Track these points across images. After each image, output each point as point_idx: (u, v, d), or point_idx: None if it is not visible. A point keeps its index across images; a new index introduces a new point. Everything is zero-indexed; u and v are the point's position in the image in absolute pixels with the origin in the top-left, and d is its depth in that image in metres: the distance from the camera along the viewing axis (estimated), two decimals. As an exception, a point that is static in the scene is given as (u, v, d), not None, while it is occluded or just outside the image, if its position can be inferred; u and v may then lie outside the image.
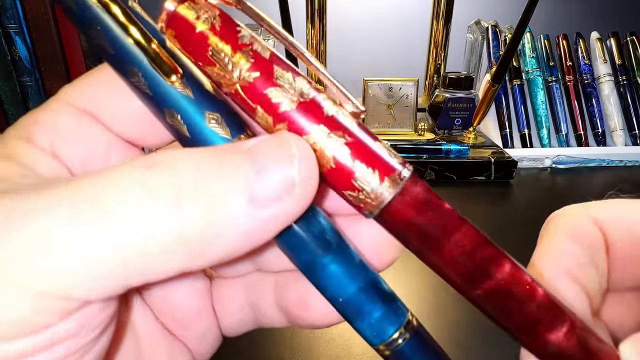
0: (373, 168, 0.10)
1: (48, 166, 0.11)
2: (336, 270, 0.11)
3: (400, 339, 0.11)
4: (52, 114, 0.12)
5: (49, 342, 0.09)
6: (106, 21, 0.10)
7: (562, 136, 0.71)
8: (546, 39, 0.73)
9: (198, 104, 0.10)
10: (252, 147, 0.10)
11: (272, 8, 0.59)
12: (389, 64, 0.94)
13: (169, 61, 0.10)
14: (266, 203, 0.09)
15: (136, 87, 0.11)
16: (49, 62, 0.59)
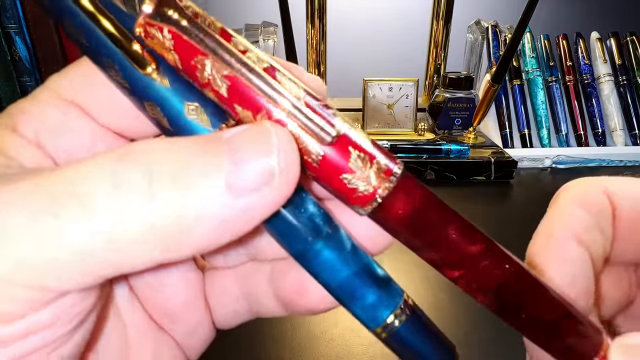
0: (365, 166, 0.10)
1: (32, 156, 0.11)
2: (328, 256, 0.11)
3: (396, 321, 0.11)
4: (39, 105, 0.12)
5: (23, 331, 0.09)
6: (77, 12, 0.10)
7: (562, 136, 0.71)
8: (546, 39, 0.73)
9: (176, 94, 0.10)
10: (232, 137, 0.09)
11: (272, 8, 0.59)
12: (389, 64, 0.94)
13: (142, 52, 0.10)
14: (244, 193, 0.09)
15: (114, 79, 0.10)
16: (49, 62, 0.59)
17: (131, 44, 0.10)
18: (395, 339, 0.11)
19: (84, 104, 0.12)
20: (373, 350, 0.31)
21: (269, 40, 0.69)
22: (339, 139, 0.10)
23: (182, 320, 0.14)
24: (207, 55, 0.09)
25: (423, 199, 0.11)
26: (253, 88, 0.09)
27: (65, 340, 0.10)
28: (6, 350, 0.09)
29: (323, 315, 0.34)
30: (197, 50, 0.09)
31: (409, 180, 0.10)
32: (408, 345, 0.11)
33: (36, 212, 0.08)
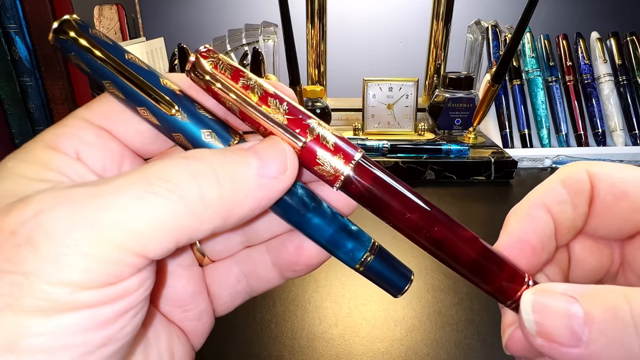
0: (333, 153, 0.14)
1: (77, 171, 0.14)
2: (317, 221, 0.15)
3: (368, 258, 0.16)
4: (73, 127, 0.14)
5: (121, 293, 0.12)
6: (115, 77, 0.14)
7: (562, 136, 0.71)
8: (546, 39, 0.73)
9: (194, 126, 0.14)
10: (252, 147, 0.14)
11: (272, 8, 0.59)
12: (389, 64, 0.94)
13: (167, 99, 0.14)
14: (269, 180, 0.13)
15: (146, 118, 0.14)
16: (49, 62, 0.59)
17: (159, 94, 0.14)
18: (369, 270, 0.16)
19: (111, 128, 0.15)
20: (373, 351, 0.31)
21: (269, 40, 0.69)
22: (311, 141, 0.14)
23: (193, 308, 0.17)
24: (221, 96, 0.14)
25: (375, 179, 0.15)
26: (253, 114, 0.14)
27: (140, 308, 0.13)
28: (110, 307, 0.11)
29: (323, 315, 0.34)
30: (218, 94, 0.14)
31: (365, 165, 0.15)
32: (379, 273, 0.16)
33: (141, 193, 0.11)
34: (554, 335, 0.13)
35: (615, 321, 0.12)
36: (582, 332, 0.12)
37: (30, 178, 0.12)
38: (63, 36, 0.13)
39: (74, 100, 0.61)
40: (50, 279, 0.10)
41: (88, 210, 0.11)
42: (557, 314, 0.13)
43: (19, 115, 0.61)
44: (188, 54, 0.58)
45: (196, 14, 0.89)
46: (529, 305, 0.14)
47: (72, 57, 0.13)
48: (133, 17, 0.76)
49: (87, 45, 0.13)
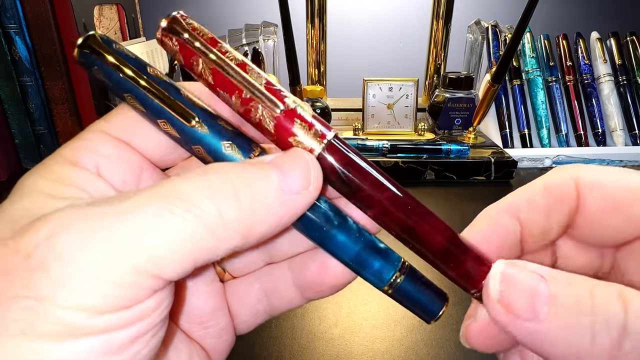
0: (306, 131, 0.14)
1: (97, 187, 0.13)
2: (341, 238, 0.14)
3: (398, 279, 0.15)
4: (91, 141, 0.14)
5: (138, 316, 0.11)
6: (136, 90, 0.14)
7: (562, 136, 0.71)
8: (546, 39, 0.73)
9: (214, 138, 0.14)
10: (273, 160, 0.13)
11: (272, 8, 0.59)
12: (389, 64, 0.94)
13: (187, 111, 0.14)
14: (292, 196, 0.13)
15: (165, 131, 0.14)
16: (49, 62, 0.59)
17: (179, 106, 0.14)
18: (399, 293, 0.15)
19: (129, 140, 0.15)
20: (373, 351, 0.31)
21: (269, 40, 0.69)
22: (287, 112, 0.14)
23: (213, 324, 0.17)
24: (200, 56, 0.14)
25: (346, 159, 0.14)
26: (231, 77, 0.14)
27: (159, 328, 0.12)
28: (126, 331, 0.11)
29: (323, 315, 0.34)
30: (194, 53, 0.14)
31: (338, 145, 0.14)
32: (410, 296, 0.15)
33: (157, 213, 0.11)
34: (513, 306, 0.13)
35: (575, 310, 0.12)
36: (541, 309, 0.12)
37: (50, 195, 0.12)
38: (87, 50, 0.13)
39: (74, 100, 0.61)
40: (63, 303, 0.10)
41: (102, 232, 0.11)
42: (522, 288, 0.13)
43: (19, 115, 0.61)
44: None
45: (196, 14, 0.89)
46: (498, 274, 0.14)
47: (95, 71, 0.14)
48: (133, 17, 0.76)
49: (110, 60, 0.13)
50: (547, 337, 0.12)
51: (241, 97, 0.14)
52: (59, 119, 0.62)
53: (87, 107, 0.62)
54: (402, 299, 0.15)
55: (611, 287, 0.12)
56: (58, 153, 0.14)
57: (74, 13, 0.58)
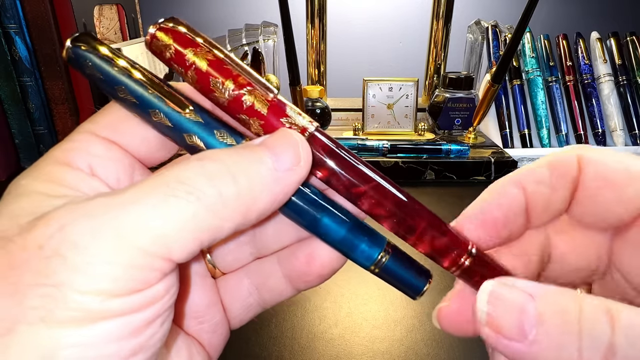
0: (291, 125, 0.14)
1: (92, 186, 0.14)
2: (329, 222, 0.15)
3: (383, 258, 0.15)
4: (82, 142, 0.14)
5: (149, 300, 0.12)
6: (128, 82, 0.14)
7: (562, 136, 0.71)
8: (546, 39, 0.73)
9: (208, 126, 0.14)
10: (264, 141, 0.14)
11: (272, 8, 0.59)
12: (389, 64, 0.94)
13: (180, 99, 0.14)
14: (284, 173, 0.13)
15: (157, 123, 0.14)
16: (49, 62, 0.59)
17: (173, 95, 0.14)
18: (385, 272, 0.16)
19: (117, 139, 0.15)
20: (373, 351, 0.31)
21: (269, 40, 0.69)
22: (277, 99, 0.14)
23: (208, 319, 0.17)
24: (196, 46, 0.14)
25: (330, 151, 0.15)
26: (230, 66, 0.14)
27: (168, 314, 0.13)
28: (141, 314, 0.12)
29: (323, 315, 0.34)
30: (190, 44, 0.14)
31: (320, 138, 0.15)
32: (395, 274, 0.16)
33: (161, 197, 0.11)
34: (502, 328, 0.13)
35: (562, 330, 0.12)
36: (530, 331, 0.12)
37: (47, 195, 0.13)
38: (78, 45, 0.14)
39: (74, 100, 0.61)
40: (81, 288, 0.11)
41: (110, 219, 0.11)
42: (511, 309, 0.13)
43: (19, 115, 0.61)
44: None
45: (196, 14, 0.89)
46: (486, 295, 0.14)
47: (87, 66, 0.14)
48: (133, 17, 0.76)
49: (102, 52, 0.14)
50: (536, 357, 0.12)
51: (236, 82, 0.14)
52: (59, 119, 0.62)
53: (87, 107, 0.62)
54: (388, 277, 0.16)
55: (599, 303, 0.12)
56: (49, 155, 0.14)
57: (74, 13, 0.58)
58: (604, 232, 0.17)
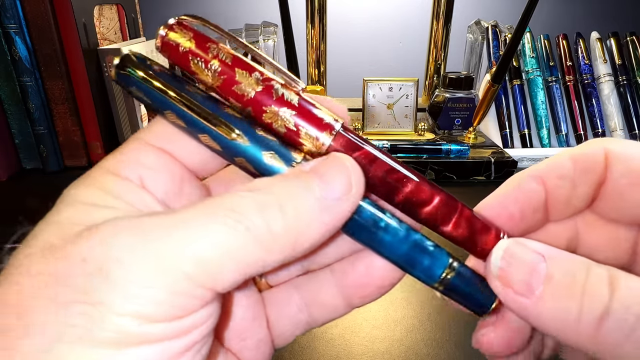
0: (316, 125, 0.14)
1: (140, 198, 0.13)
2: (388, 239, 0.15)
3: (449, 275, 0.15)
4: (133, 151, 0.14)
5: (190, 326, 0.11)
6: (176, 106, 0.14)
7: (562, 136, 0.71)
8: (546, 39, 0.73)
9: (255, 148, 0.14)
10: (313, 167, 0.13)
11: (272, 8, 0.59)
12: (389, 64, 0.94)
13: (227, 124, 0.14)
14: (334, 202, 0.13)
15: (207, 145, 0.14)
16: (49, 62, 0.59)
17: (221, 121, 0.14)
18: (449, 289, 0.15)
19: (171, 150, 0.15)
20: (373, 351, 0.31)
21: (269, 40, 0.69)
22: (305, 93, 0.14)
23: (251, 336, 0.16)
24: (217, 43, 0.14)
25: (353, 145, 0.15)
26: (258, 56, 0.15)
27: (207, 340, 0.12)
28: (179, 341, 0.11)
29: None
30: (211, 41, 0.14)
31: (346, 135, 0.15)
32: (461, 292, 0.15)
33: (210, 225, 0.11)
34: (511, 282, 0.14)
35: (567, 291, 0.13)
36: (537, 287, 0.13)
37: (95, 206, 0.12)
38: (124, 71, 0.14)
39: (74, 100, 0.61)
40: (121, 309, 0.10)
41: (158, 241, 0.11)
42: (522, 266, 0.14)
43: (19, 115, 0.61)
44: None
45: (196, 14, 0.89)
46: (500, 251, 0.14)
47: (134, 90, 0.14)
48: (133, 17, 0.76)
49: (147, 78, 0.14)
50: (540, 312, 0.13)
51: (263, 75, 0.14)
52: (59, 119, 0.62)
53: (87, 107, 0.62)
54: (453, 294, 0.15)
55: (604, 270, 0.13)
56: (101, 165, 0.14)
57: (74, 13, 0.58)
58: (631, 227, 0.16)
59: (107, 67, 0.62)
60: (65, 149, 0.64)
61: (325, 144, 0.14)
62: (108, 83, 0.62)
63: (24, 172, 0.64)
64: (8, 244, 0.14)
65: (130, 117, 0.64)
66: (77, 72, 0.60)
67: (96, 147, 0.64)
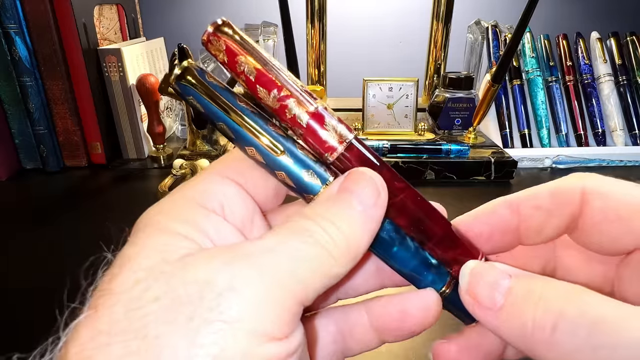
0: (320, 146, 0.15)
1: (223, 229, 0.14)
2: (402, 254, 0.17)
3: (447, 290, 0.17)
4: (215, 184, 0.15)
5: (294, 347, 0.12)
6: (229, 120, 0.15)
7: (562, 136, 0.71)
8: (546, 39, 0.73)
9: (297, 166, 0.15)
10: (343, 187, 0.15)
11: (272, 8, 0.59)
12: (389, 64, 0.94)
13: (273, 142, 0.15)
14: (372, 210, 0.14)
15: (253, 157, 0.15)
16: (49, 62, 0.59)
17: (269, 139, 0.15)
18: (447, 302, 0.17)
19: (246, 186, 0.16)
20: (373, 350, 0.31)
21: (269, 40, 0.69)
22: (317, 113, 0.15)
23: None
24: (244, 53, 0.15)
25: (363, 156, 0.16)
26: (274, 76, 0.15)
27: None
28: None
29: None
30: (240, 53, 0.15)
31: (357, 147, 0.16)
32: (455, 304, 0.17)
33: (298, 245, 0.13)
34: (477, 295, 0.15)
35: (524, 298, 0.14)
36: (499, 301, 0.14)
37: (185, 236, 0.13)
38: (184, 81, 0.15)
39: (74, 100, 0.61)
40: (248, 327, 0.11)
41: (265, 264, 0.12)
42: (487, 281, 0.15)
43: (19, 115, 0.61)
44: (188, 54, 0.58)
45: (196, 14, 0.89)
46: (469, 270, 0.16)
47: (191, 99, 0.15)
48: (133, 17, 0.76)
49: (205, 91, 0.15)
50: (501, 323, 0.14)
51: (280, 92, 0.15)
52: (59, 119, 0.62)
53: (87, 107, 0.62)
54: (449, 306, 0.17)
55: (562, 284, 0.14)
56: (184, 194, 0.15)
57: (74, 13, 0.58)
58: (606, 257, 0.17)
59: (108, 67, 0.62)
60: (65, 149, 0.64)
61: (329, 160, 0.16)
62: (108, 83, 0.62)
63: (24, 172, 0.64)
64: None
65: (130, 117, 0.64)
66: (77, 72, 0.60)
67: (96, 147, 0.64)
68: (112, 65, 0.61)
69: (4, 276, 0.41)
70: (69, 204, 0.55)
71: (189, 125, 0.64)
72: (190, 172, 0.57)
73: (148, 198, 0.55)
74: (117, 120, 0.64)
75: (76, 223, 0.50)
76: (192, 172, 0.57)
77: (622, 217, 0.15)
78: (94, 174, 0.63)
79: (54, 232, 0.48)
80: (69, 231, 0.48)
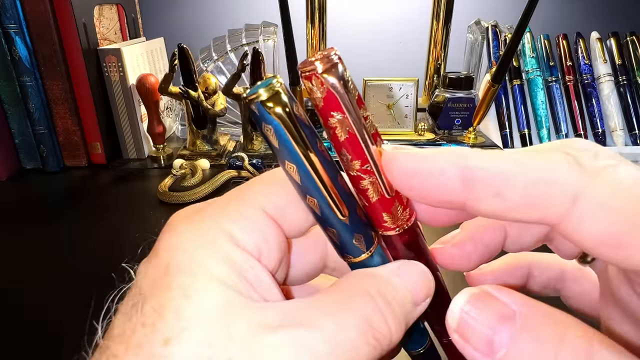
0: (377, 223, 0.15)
1: (258, 273, 0.13)
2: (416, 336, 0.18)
3: (422, 350, 0.19)
4: (255, 222, 0.14)
5: None
6: (303, 165, 0.13)
7: (562, 136, 0.71)
8: (546, 39, 0.73)
9: (350, 229, 0.14)
10: (406, 278, 0.15)
11: (272, 8, 0.59)
12: (389, 64, 0.94)
13: (341, 203, 0.14)
14: (420, 306, 0.15)
15: (310, 207, 0.14)
16: (49, 62, 0.59)
17: (335, 198, 0.14)
18: (413, 358, 0.19)
19: (279, 219, 0.15)
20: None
21: (269, 40, 0.69)
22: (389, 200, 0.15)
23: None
24: (343, 111, 0.13)
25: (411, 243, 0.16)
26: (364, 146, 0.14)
27: None
28: None
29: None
30: (337, 109, 0.13)
31: (413, 228, 0.16)
32: None
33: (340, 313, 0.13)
34: (470, 339, 0.12)
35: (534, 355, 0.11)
36: (499, 350, 0.11)
37: (221, 281, 0.12)
38: (268, 109, 0.12)
39: (74, 100, 0.61)
40: None
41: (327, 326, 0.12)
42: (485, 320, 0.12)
43: (19, 115, 0.61)
44: (188, 54, 0.58)
45: (196, 14, 0.89)
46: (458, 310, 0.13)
47: (267, 128, 0.12)
48: (133, 17, 0.76)
49: (288, 125, 0.12)
50: None
51: (361, 167, 0.14)
52: (59, 119, 0.62)
53: (87, 107, 0.62)
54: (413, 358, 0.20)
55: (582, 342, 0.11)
56: (217, 223, 0.13)
57: (74, 13, 0.58)
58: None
59: (108, 67, 0.62)
60: (65, 149, 0.64)
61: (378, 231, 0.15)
62: (108, 83, 0.62)
63: (24, 172, 0.64)
64: None
65: (130, 117, 0.64)
66: (77, 72, 0.60)
67: (96, 147, 0.64)
68: (112, 65, 0.61)
69: (4, 276, 0.41)
70: (69, 204, 0.55)
71: (189, 125, 0.64)
72: (190, 172, 0.57)
73: (148, 198, 0.55)
74: (117, 120, 0.64)
75: (76, 223, 0.50)
76: (192, 172, 0.57)
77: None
78: (94, 174, 0.63)
79: (54, 232, 0.48)
80: (69, 231, 0.48)
